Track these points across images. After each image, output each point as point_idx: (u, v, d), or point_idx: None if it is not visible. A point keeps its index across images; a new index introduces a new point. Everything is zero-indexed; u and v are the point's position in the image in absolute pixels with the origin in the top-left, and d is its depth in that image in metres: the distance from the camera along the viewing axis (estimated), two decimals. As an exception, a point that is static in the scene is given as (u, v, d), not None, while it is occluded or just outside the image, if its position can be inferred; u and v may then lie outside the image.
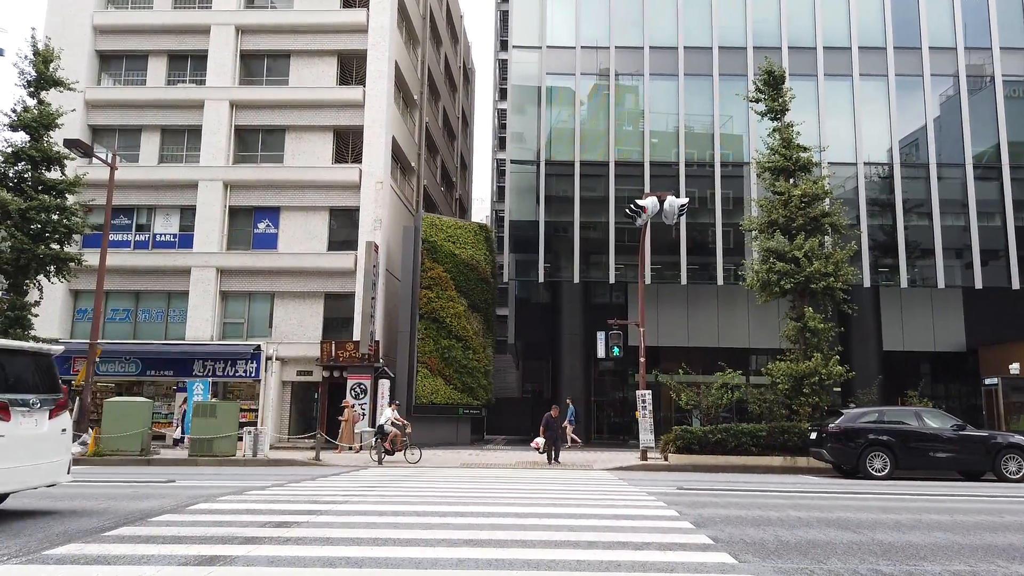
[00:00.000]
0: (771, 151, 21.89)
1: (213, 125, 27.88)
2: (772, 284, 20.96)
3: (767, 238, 21.36)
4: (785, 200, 21.23)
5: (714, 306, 30.96)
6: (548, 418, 19.54)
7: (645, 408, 21.01)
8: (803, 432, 19.75)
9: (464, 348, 27.08)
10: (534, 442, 19.49)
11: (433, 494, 11.37)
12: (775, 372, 20.91)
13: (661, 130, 28.13)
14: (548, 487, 13.08)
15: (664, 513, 9.47)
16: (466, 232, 28.15)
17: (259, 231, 27.86)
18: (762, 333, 30.25)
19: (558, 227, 28.66)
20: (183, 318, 27.14)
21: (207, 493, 11.22)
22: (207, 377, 25.16)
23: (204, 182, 27.47)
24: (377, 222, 26.94)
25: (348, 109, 27.98)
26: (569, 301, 29.95)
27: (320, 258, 27.08)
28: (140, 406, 21.02)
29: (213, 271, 26.99)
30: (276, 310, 27.29)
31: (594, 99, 28.61)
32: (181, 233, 27.96)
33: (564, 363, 29.92)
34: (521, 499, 10.74)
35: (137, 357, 26.22)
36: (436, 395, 26.31)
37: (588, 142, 28.37)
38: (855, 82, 27.92)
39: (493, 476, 15.94)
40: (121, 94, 28.39)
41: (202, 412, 20.88)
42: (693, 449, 20.11)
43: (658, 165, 27.93)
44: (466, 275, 27.58)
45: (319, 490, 11.93)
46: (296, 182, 27.52)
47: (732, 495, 12.06)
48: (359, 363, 25.65)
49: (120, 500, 10.17)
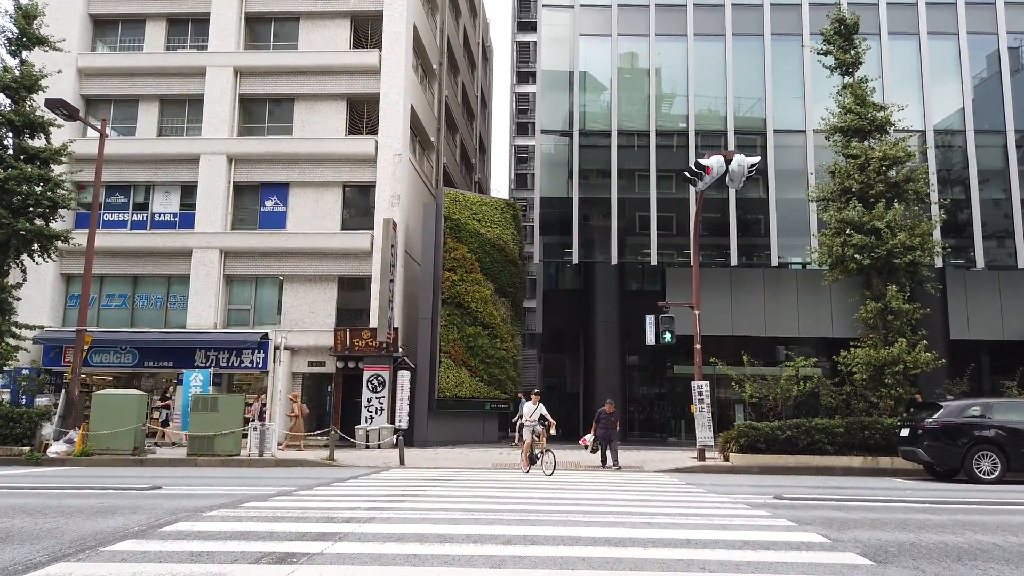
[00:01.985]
0: (843, 110, 19.30)
1: (216, 94, 25.52)
2: (847, 260, 18.39)
3: (839, 208, 18.78)
4: (861, 164, 18.65)
5: (759, 292, 28.25)
6: (601, 413, 16.93)
7: (702, 401, 18.51)
8: (885, 428, 17.23)
9: (491, 336, 24.63)
10: (583, 439, 17.03)
11: (480, 506, 8.91)
12: (851, 360, 18.35)
13: (707, 96, 25.53)
14: (617, 497, 10.59)
15: (806, 538, 6.96)
16: (492, 209, 25.68)
17: (266, 209, 25.48)
18: (812, 321, 27.65)
19: (593, 204, 26.14)
20: (184, 304, 24.82)
21: (193, 505, 8.82)
22: (209, 367, 22.82)
23: (206, 156, 25.11)
24: (395, 198, 24.51)
25: (363, 75, 25.53)
26: (603, 286, 27.44)
27: (333, 238, 24.68)
28: (133, 400, 18.75)
29: (216, 253, 24.65)
30: (285, 295, 24.92)
31: (632, 63, 26.03)
32: (182, 212, 25.63)
33: (598, 353, 27.42)
34: (593, 514, 8.27)
35: (134, 346, 23.92)
36: (460, 388, 23.88)
37: (626, 110, 25.82)
38: (922, 41, 25.20)
39: (536, 481, 13.48)
40: (116, 61, 26.07)
41: (201, 406, 18.59)
42: (759, 448, 17.63)
43: (704, 134, 25.34)
44: (492, 256, 25.12)
45: (335, 500, 9.51)
46: (306, 155, 25.12)
47: (856, 506, 9.52)
48: (376, 353, 23.26)
49: (77, 517, 7.79)
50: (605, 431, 16.80)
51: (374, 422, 22.70)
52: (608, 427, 16.80)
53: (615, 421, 17.03)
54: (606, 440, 16.80)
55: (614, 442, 16.82)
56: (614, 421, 16.95)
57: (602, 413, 16.94)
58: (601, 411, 17.02)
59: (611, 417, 16.87)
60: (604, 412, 16.90)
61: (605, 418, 16.85)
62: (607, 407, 16.96)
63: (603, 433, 16.79)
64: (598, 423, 16.88)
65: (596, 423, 16.94)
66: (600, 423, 16.86)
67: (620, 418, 26.96)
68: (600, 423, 16.86)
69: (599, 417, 16.94)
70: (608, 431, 16.78)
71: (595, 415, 17.26)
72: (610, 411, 16.85)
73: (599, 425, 16.84)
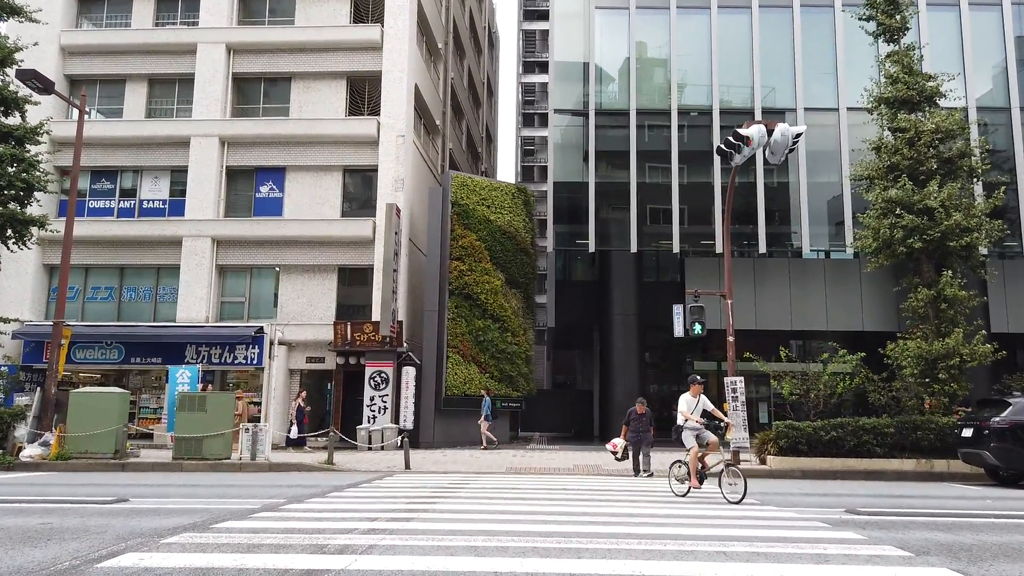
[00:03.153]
0: (889, 79, 17.64)
1: (207, 73, 23.93)
2: (896, 243, 16.72)
3: (886, 186, 17.12)
4: (911, 139, 16.98)
5: (784, 283, 26.53)
6: (632, 414, 14.90)
7: (736, 399, 16.86)
8: (940, 428, 15.61)
9: (501, 330, 23.01)
10: (611, 443, 14.66)
11: (503, 527, 7.30)
12: (900, 354, 16.70)
13: (732, 71, 23.85)
14: (666, 512, 8.98)
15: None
16: (502, 194, 24.04)
17: (261, 195, 23.90)
18: (841, 314, 26.00)
19: (609, 189, 24.50)
20: (174, 297, 23.25)
21: (154, 527, 7.22)
22: (197, 364, 21.22)
23: (197, 138, 23.52)
24: (399, 183, 22.90)
25: (364, 52, 23.91)
26: (620, 276, 25.78)
27: (333, 225, 23.07)
28: (114, 399, 17.20)
29: (208, 241, 23.06)
30: (282, 287, 23.33)
31: (651, 38, 24.35)
32: (172, 199, 24.04)
33: (614, 348, 25.77)
34: (649, 538, 6.65)
35: (120, 342, 22.35)
36: (469, 385, 22.27)
37: (645, 88, 24.17)
38: (963, 11, 23.49)
39: (561, 488, 11.88)
40: (102, 38, 24.48)
41: (188, 405, 17.00)
42: (800, 450, 16.01)
43: (729, 113, 23.65)
44: (503, 244, 23.49)
45: (329, 519, 7.91)
46: (304, 137, 23.51)
47: (957, 524, 7.86)
48: (379, 348, 21.66)
49: (1, 545, 6.20)
50: (637, 435, 14.79)
51: (377, 422, 21.12)
52: (640, 430, 14.79)
53: (648, 423, 14.97)
54: (638, 445, 14.83)
55: (647, 447, 14.84)
56: (647, 423, 14.92)
57: (633, 414, 14.93)
58: (632, 411, 15.02)
59: (643, 418, 14.85)
60: (635, 413, 14.89)
61: (636, 420, 14.82)
62: (638, 407, 14.98)
63: (634, 437, 14.78)
64: (628, 425, 14.86)
65: (626, 425, 14.90)
66: (631, 425, 14.83)
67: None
68: (631, 425, 14.83)
69: (629, 418, 14.92)
70: (640, 435, 14.79)
71: (625, 416, 15.21)
72: (642, 412, 14.89)
73: (629, 428, 14.83)
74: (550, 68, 25.81)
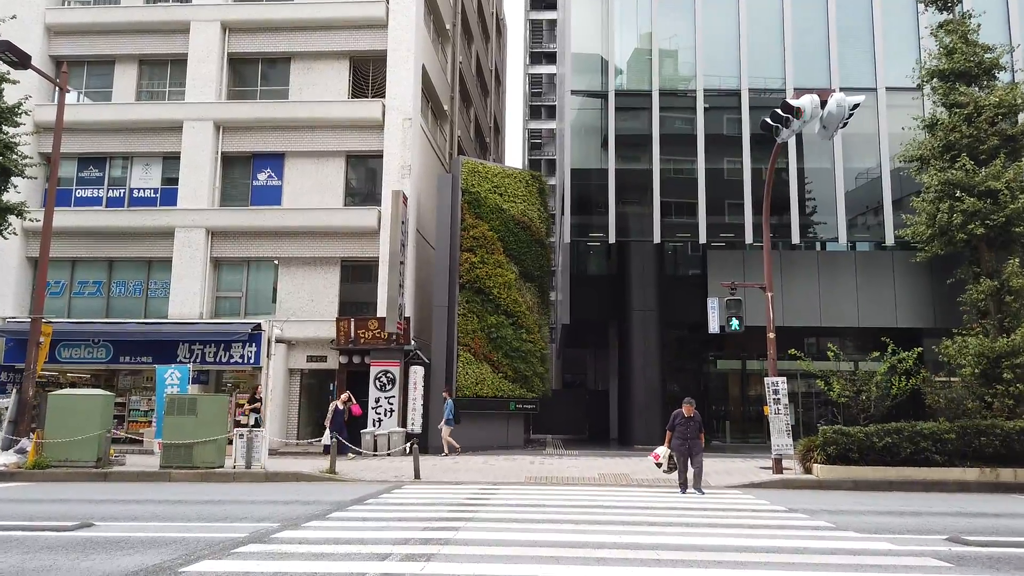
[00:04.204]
0: (944, 50, 16.08)
1: (201, 53, 22.43)
2: (954, 229, 15.18)
3: (942, 167, 15.57)
4: (969, 114, 15.43)
5: (813, 277, 24.94)
6: (677, 417, 12.64)
7: (778, 402, 15.36)
8: (1006, 433, 14.08)
9: (515, 326, 21.50)
10: (653, 454, 12.87)
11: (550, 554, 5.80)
12: (958, 352, 15.18)
13: (761, 49, 22.28)
14: (741, 541, 7.47)
15: None
16: (515, 182, 22.51)
17: (259, 183, 22.40)
18: (873, 309, 24.44)
19: (629, 176, 22.98)
20: (166, 292, 21.78)
21: (106, 569, 5.74)
22: (192, 362, 19.75)
23: (191, 122, 22.03)
24: (406, 169, 21.39)
25: (368, 30, 22.39)
26: (640, 270, 24.22)
27: (335, 214, 21.56)
28: (96, 401, 15.75)
29: (202, 232, 21.58)
30: (281, 281, 21.83)
31: (675, 10, 22.76)
32: (164, 187, 22.55)
33: (634, 346, 24.22)
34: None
35: (107, 340, 20.88)
36: (482, 385, 20.78)
37: (668, 66, 22.63)
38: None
39: (597, 506, 10.37)
40: (90, 16, 22.99)
41: (178, 408, 15.55)
42: (850, 458, 14.47)
43: (758, 92, 22.11)
44: (517, 235, 21.97)
45: (330, 554, 6.41)
46: (305, 121, 22.00)
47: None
48: (385, 346, 20.17)
49: None
50: (684, 442, 12.49)
51: (383, 425, 19.64)
52: (688, 436, 12.49)
53: (699, 428, 12.63)
54: (687, 454, 12.55)
55: (698, 457, 12.53)
56: (696, 428, 12.59)
57: (678, 417, 12.63)
58: (677, 415, 12.70)
59: (691, 423, 12.51)
60: (682, 416, 12.60)
61: (683, 424, 12.51)
62: (685, 408, 12.63)
63: (682, 445, 12.50)
64: (672, 431, 12.67)
65: (670, 431, 12.71)
66: (676, 431, 12.59)
67: (662, 420, 23.91)
68: (676, 431, 12.59)
69: (674, 423, 12.67)
70: (689, 442, 12.48)
71: (669, 420, 12.94)
72: (690, 414, 12.57)
73: (675, 434, 12.63)
74: (565, 47, 24.23)
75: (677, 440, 12.56)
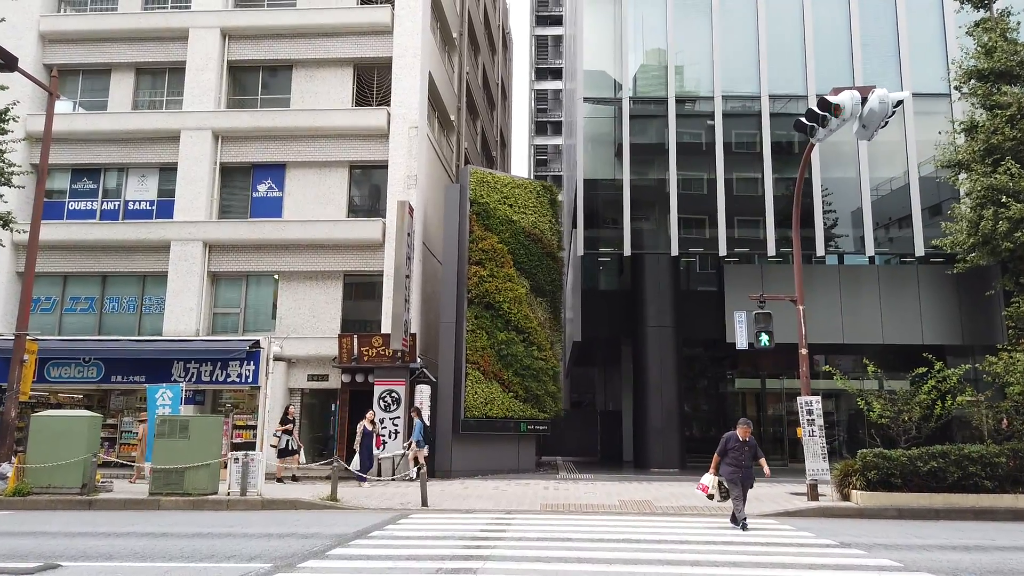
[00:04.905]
0: (983, 49, 15.21)
1: (200, 61, 21.67)
2: (999, 238, 14.20)
3: (985, 172, 14.63)
4: (1011, 116, 14.51)
5: (835, 292, 23.95)
6: (730, 440, 10.80)
7: (813, 423, 14.30)
8: (1061, 457, 13.02)
9: (526, 343, 20.49)
10: (700, 485, 11.10)
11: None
12: (1006, 369, 14.13)
13: (781, 54, 21.47)
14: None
15: None
16: (526, 193, 21.60)
17: (259, 194, 21.53)
18: (898, 326, 23.47)
19: (644, 186, 22.10)
20: (161, 308, 20.84)
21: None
22: (185, 382, 18.75)
23: (188, 132, 21.21)
24: (411, 179, 20.52)
25: (372, 37, 21.62)
26: (656, 284, 23.25)
27: (338, 227, 20.66)
28: (81, 423, 14.79)
29: (199, 246, 20.68)
30: (281, 296, 20.88)
31: (691, 14, 21.97)
32: (160, 199, 21.68)
33: (649, 364, 23.18)
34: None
35: (98, 358, 19.91)
36: (491, 406, 19.72)
37: (684, 71, 21.80)
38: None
39: (620, 535, 9.34)
40: (85, 23, 22.25)
41: (168, 431, 14.57)
42: (892, 484, 13.41)
43: (780, 99, 21.26)
44: (527, 248, 21.02)
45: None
46: (306, 130, 21.17)
47: None
48: (390, 364, 19.17)
49: None
50: (738, 469, 10.65)
51: (387, 448, 18.58)
52: (743, 462, 10.70)
53: (754, 454, 10.85)
54: (741, 484, 10.70)
55: (748, 485, 10.85)
56: (751, 454, 10.82)
57: (731, 441, 10.77)
58: (730, 437, 10.84)
59: (746, 448, 10.72)
60: (735, 439, 10.76)
61: (737, 449, 10.69)
62: (740, 431, 10.79)
63: (735, 473, 10.66)
64: (723, 456, 10.83)
65: (720, 456, 10.87)
66: (727, 456, 10.75)
67: (680, 440, 22.76)
68: (727, 456, 10.75)
69: (726, 447, 10.78)
70: (743, 468, 10.70)
71: (720, 444, 10.97)
72: (746, 437, 10.77)
73: (725, 460, 10.79)
74: (577, 51, 23.41)
75: (729, 467, 10.75)
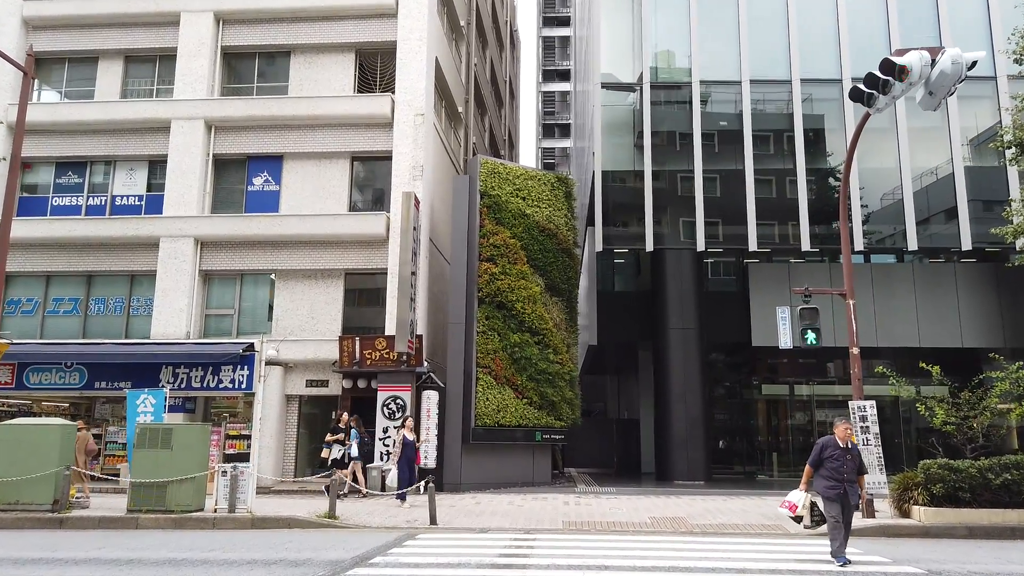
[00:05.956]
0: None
1: (192, 46, 20.37)
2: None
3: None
4: (1082, 89, 13.07)
5: (868, 292, 22.49)
6: (827, 448, 8.61)
7: (867, 430, 12.79)
8: None
9: (541, 345, 19.03)
10: (786, 503, 8.96)
11: None
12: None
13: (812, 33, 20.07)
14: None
15: None
16: (540, 184, 20.20)
17: (254, 188, 20.17)
18: (935, 328, 22.07)
19: (666, 178, 20.68)
20: (149, 309, 19.48)
21: None
22: (170, 387, 17.34)
23: (179, 121, 19.90)
24: (417, 170, 19.14)
25: (376, 20, 20.32)
26: (678, 284, 21.76)
27: (339, 221, 19.28)
28: (53, 433, 13.38)
29: (190, 242, 19.32)
30: (278, 296, 19.49)
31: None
32: (149, 194, 20.34)
33: (671, 369, 21.67)
34: None
35: (81, 363, 18.51)
36: (504, 413, 18.25)
37: (708, 54, 20.40)
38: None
39: (663, 561, 7.87)
40: (71, 8, 20.97)
41: (150, 440, 13.13)
42: (960, 498, 11.89)
43: (811, 83, 19.84)
44: (542, 243, 19.60)
45: None
46: (306, 119, 19.83)
47: None
48: (394, 368, 17.72)
49: None
50: (839, 484, 8.44)
51: (392, 459, 17.08)
52: (845, 475, 8.48)
53: (857, 464, 8.70)
54: (842, 504, 8.46)
55: (851, 506, 8.59)
56: (855, 465, 8.66)
57: (828, 448, 8.62)
58: (827, 443, 8.67)
59: (847, 456, 8.57)
60: (833, 444, 8.62)
61: (836, 457, 8.52)
62: (840, 430, 8.69)
63: (834, 489, 8.44)
64: (816, 467, 8.69)
65: (812, 467, 8.71)
66: (825, 467, 8.57)
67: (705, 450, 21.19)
68: (825, 467, 8.57)
69: (822, 456, 8.62)
70: (845, 482, 8.46)
71: (814, 453, 8.76)
72: (847, 441, 8.66)
73: (821, 470, 8.63)
74: (595, 32, 22.06)
75: (827, 480, 8.53)
